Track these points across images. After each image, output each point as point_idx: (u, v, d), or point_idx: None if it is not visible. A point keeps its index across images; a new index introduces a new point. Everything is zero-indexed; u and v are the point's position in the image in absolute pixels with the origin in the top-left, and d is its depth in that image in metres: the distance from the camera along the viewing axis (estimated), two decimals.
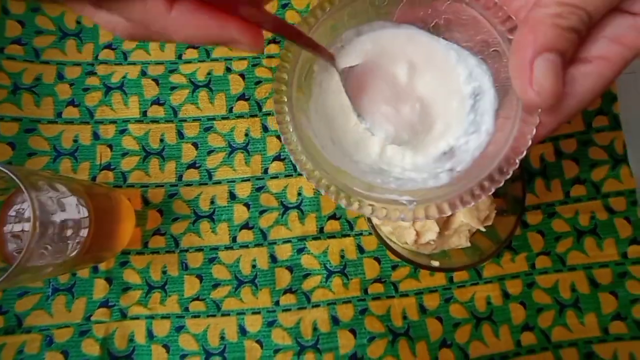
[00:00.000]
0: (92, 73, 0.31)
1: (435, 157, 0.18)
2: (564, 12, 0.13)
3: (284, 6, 0.32)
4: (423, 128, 0.18)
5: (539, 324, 0.27)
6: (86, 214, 0.22)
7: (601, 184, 0.29)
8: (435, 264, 0.24)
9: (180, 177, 0.30)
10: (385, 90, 0.18)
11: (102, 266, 0.28)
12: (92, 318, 0.27)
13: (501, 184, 0.15)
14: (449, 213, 0.15)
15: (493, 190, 0.15)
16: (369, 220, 0.24)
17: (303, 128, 0.17)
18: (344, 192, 0.15)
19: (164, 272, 0.28)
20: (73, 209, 0.21)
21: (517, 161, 0.15)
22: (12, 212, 0.22)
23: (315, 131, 0.18)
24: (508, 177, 0.15)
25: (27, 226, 0.21)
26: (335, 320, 0.27)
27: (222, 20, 0.13)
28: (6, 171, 0.17)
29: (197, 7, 0.13)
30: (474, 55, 0.18)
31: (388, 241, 0.24)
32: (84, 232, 0.21)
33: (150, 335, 0.27)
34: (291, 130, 0.16)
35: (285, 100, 0.16)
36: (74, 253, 0.22)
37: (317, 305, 0.28)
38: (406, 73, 0.19)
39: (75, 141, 0.30)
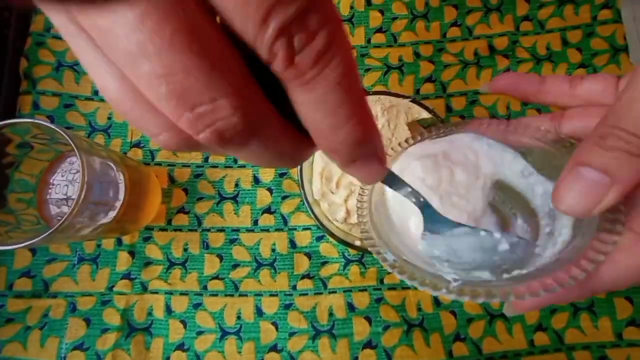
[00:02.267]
0: None
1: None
2: (606, 132, 0.13)
3: None
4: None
5: (553, 325, 0.27)
6: (123, 182, 0.23)
7: None
8: (357, 243, 0.24)
9: (206, 159, 0.31)
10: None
11: (126, 240, 0.29)
12: (115, 289, 0.28)
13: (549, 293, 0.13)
14: (497, 300, 0.13)
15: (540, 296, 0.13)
16: (306, 198, 0.24)
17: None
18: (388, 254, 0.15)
19: (185, 250, 0.29)
20: (112, 176, 0.22)
21: (576, 278, 0.13)
22: (54, 177, 0.23)
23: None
24: (559, 289, 0.13)
25: (70, 190, 0.22)
26: (351, 307, 0.28)
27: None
28: (61, 132, 0.18)
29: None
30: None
31: (323, 220, 0.24)
32: (119, 200, 0.22)
33: (168, 310, 0.28)
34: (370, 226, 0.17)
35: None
36: (107, 220, 0.22)
37: (333, 292, 0.28)
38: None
39: (109, 118, 0.31)
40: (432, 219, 0.17)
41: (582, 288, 0.13)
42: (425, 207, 0.17)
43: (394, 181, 0.16)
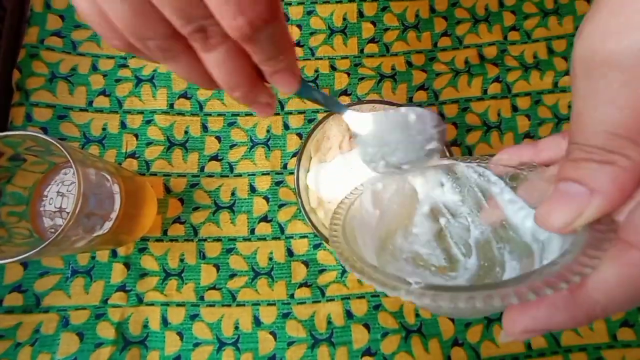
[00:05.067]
0: (125, 66, 0.32)
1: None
2: (570, 148, 0.13)
3: (309, 13, 0.34)
4: None
5: None
6: (118, 193, 0.22)
7: None
8: None
9: (202, 168, 0.31)
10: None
11: (121, 251, 0.28)
12: (109, 301, 0.27)
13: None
14: (462, 305, 0.12)
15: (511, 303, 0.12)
16: (303, 206, 0.25)
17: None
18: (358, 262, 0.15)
19: (182, 260, 0.29)
20: (108, 188, 0.21)
21: (550, 291, 0.12)
22: (48, 190, 0.22)
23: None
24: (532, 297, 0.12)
25: (65, 203, 0.22)
26: (349, 315, 0.28)
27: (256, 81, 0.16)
28: (57, 144, 0.18)
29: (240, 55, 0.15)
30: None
31: (320, 227, 0.25)
32: (115, 211, 0.22)
33: (164, 322, 0.27)
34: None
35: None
36: (102, 231, 0.22)
37: (331, 300, 0.28)
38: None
39: (104, 129, 0.31)
40: (354, 120, 0.20)
41: (573, 308, 0.12)
42: (343, 109, 0.20)
43: (306, 90, 0.18)
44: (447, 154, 0.25)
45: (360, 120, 0.20)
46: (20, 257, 0.18)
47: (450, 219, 0.20)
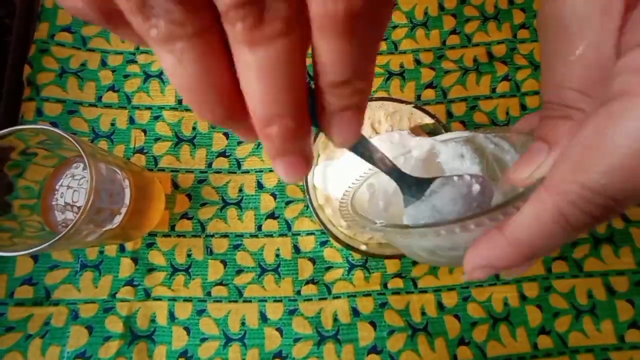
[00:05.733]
0: (133, 61, 0.32)
1: None
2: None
3: None
4: None
5: (556, 328, 0.27)
6: (128, 188, 0.23)
7: None
8: (363, 247, 0.24)
9: (210, 165, 0.31)
10: None
11: (129, 246, 0.29)
12: (117, 296, 0.27)
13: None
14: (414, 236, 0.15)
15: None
16: (311, 203, 0.25)
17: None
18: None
19: (189, 256, 0.29)
20: (119, 182, 0.22)
21: (473, 225, 0.13)
22: (59, 183, 0.23)
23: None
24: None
25: (75, 196, 0.22)
26: (355, 312, 0.28)
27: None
28: (69, 138, 0.18)
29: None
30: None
31: (328, 224, 0.25)
32: (125, 205, 0.22)
33: (172, 316, 0.27)
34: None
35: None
36: (112, 226, 0.22)
37: (337, 297, 0.28)
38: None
39: (112, 124, 0.31)
40: (407, 184, 0.18)
41: (503, 242, 0.12)
42: (397, 174, 0.17)
43: (361, 149, 0.15)
44: None
45: (421, 184, 0.17)
46: (32, 250, 0.18)
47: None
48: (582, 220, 0.11)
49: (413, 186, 0.18)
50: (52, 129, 0.20)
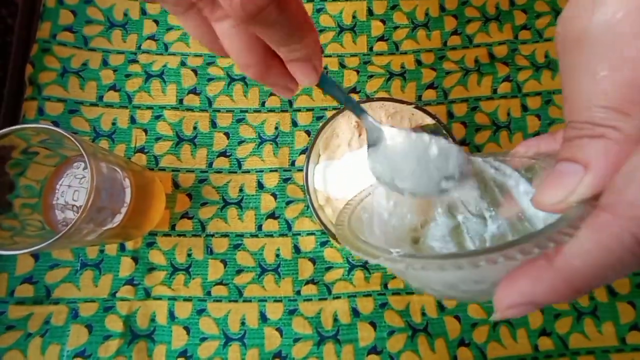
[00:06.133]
0: (135, 61, 0.32)
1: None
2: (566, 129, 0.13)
3: (319, 10, 0.34)
4: None
5: (557, 329, 0.27)
6: (129, 187, 0.23)
7: None
8: None
9: (210, 164, 0.31)
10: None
11: (130, 245, 0.29)
12: (117, 295, 0.27)
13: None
14: (434, 266, 0.12)
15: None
16: (312, 203, 0.25)
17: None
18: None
19: (189, 255, 0.29)
20: (119, 181, 0.22)
21: (519, 255, 0.11)
22: (60, 183, 0.23)
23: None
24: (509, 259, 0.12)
25: (76, 196, 0.22)
26: (355, 313, 0.28)
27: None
28: (70, 137, 0.18)
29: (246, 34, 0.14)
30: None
31: (328, 224, 0.25)
32: (125, 205, 0.22)
33: (171, 316, 0.27)
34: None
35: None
36: (112, 225, 0.22)
37: (338, 297, 0.28)
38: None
39: (113, 124, 0.31)
40: (371, 129, 0.18)
41: (553, 276, 0.11)
42: (362, 114, 0.18)
43: (327, 86, 0.17)
44: None
45: (378, 130, 0.18)
46: (33, 248, 0.18)
47: (467, 215, 0.20)
48: None
49: (374, 132, 0.18)
50: (53, 128, 0.20)
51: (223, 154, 0.31)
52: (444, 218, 0.19)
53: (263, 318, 0.27)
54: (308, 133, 0.31)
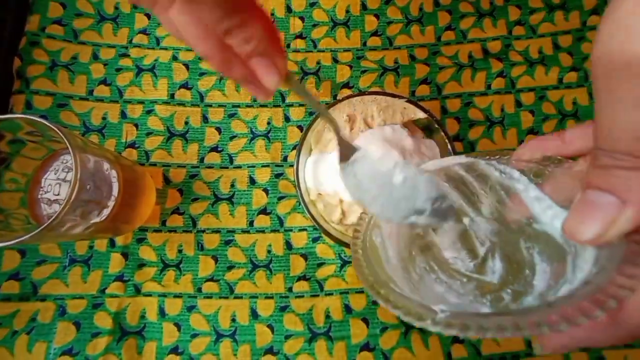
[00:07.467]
0: (126, 55, 0.32)
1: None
2: (596, 153, 0.12)
3: (312, 5, 0.34)
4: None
5: None
6: (116, 181, 0.22)
7: None
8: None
9: (202, 159, 0.30)
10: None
11: (119, 241, 0.28)
12: (107, 291, 0.27)
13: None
14: (490, 335, 0.12)
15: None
16: (302, 197, 0.24)
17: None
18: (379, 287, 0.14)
19: (180, 251, 0.28)
20: (106, 175, 0.21)
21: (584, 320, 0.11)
22: (47, 176, 0.22)
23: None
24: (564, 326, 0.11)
25: (63, 190, 0.21)
26: (347, 309, 0.27)
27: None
28: (54, 128, 0.18)
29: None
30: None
31: (320, 220, 0.24)
32: (113, 198, 0.22)
33: (162, 312, 0.27)
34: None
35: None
36: (100, 219, 0.22)
37: (330, 294, 0.28)
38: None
39: (104, 118, 0.31)
40: (342, 144, 0.18)
41: (614, 330, 0.12)
42: (336, 127, 0.18)
43: (294, 86, 0.17)
44: (451, 151, 0.25)
45: (348, 147, 0.17)
46: (15, 241, 0.17)
47: (473, 218, 0.19)
48: None
49: (344, 148, 0.18)
50: (38, 119, 0.19)
51: (214, 149, 0.31)
52: (451, 223, 0.19)
53: (254, 315, 0.27)
54: (300, 128, 0.31)
